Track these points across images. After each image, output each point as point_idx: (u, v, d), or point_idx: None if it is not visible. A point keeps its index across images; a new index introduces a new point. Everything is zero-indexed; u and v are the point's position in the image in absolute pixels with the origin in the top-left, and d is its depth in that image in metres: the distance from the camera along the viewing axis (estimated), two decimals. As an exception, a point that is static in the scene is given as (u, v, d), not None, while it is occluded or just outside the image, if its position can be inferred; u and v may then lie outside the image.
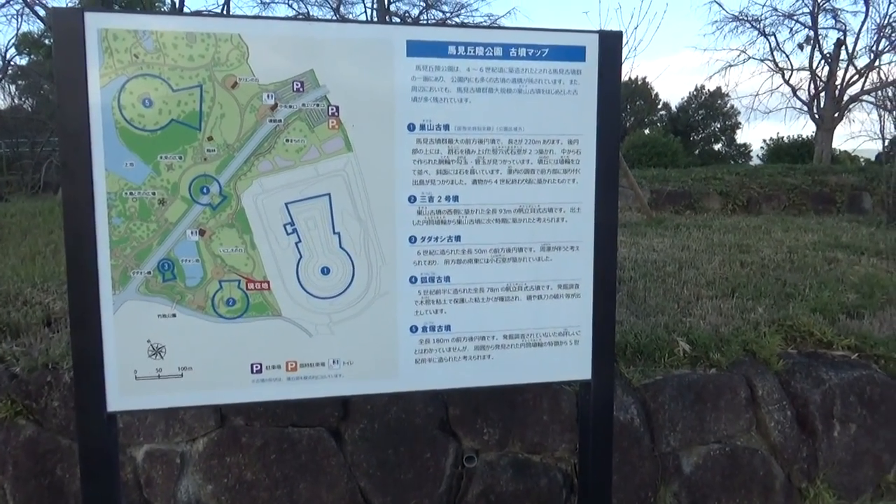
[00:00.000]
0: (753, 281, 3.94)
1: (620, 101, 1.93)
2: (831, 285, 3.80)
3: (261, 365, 1.76)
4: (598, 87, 1.85)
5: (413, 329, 1.82)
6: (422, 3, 13.17)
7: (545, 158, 1.84)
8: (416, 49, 1.77)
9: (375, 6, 12.23)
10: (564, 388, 2.55)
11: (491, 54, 1.81)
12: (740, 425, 2.69)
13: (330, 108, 1.74)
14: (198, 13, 2.78)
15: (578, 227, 1.87)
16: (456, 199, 1.80)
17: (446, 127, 1.79)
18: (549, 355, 1.89)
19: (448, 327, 1.83)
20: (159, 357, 1.72)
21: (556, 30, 1.85)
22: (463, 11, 13.23)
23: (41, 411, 2.73)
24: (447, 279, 1.82)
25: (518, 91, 1.82)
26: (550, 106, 1.83)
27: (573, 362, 1.90)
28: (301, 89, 1.72)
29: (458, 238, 1.82)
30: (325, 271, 1.76)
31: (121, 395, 1.71)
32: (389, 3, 12.77)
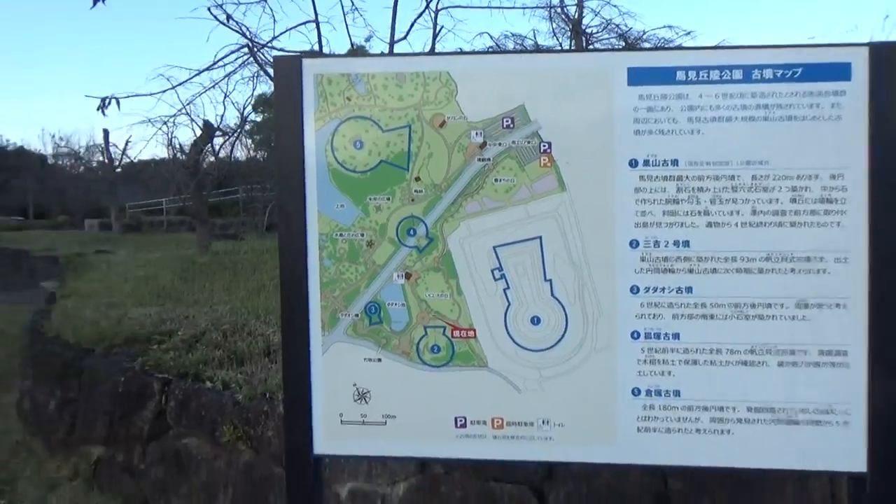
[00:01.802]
0: None
1: (901, 123, 1.56)
2: None
3: (465, 419, 1.64)
4: (869, 111, 1.51)
5: (635, 392, 1.59)
6: (620, 43, 12.80)
7: (800, 197, 1.53)
8: (638, 76, 1.59)
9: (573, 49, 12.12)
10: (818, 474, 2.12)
11: (728, 78, 1.56)
12: None
13: (542, 144, 1.61)
14: (407, 54, 2.86)
15: (846, 281, 1.52)
16: (686, 244, 1.56)
17: (675, 162, 1.57)
18: (807, 437, 1.54)
19: (677, 392, 1.58)
20: (364, 402, 1.68)
21: (810, 45, 1.56)
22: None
23: (258, 438, 2.88)
24: (676, 336, 1.57)
25: (763, 119, 1.55)
26: (805, 135, 1.53)
27: (841, 449, 1.53)
28: (511, 126, 1.62)
29: (689, 289, 1.56)
30: (536, 321, 1.61)
31: (326, 440, 1.69)
32: (588, 44, 12.59)
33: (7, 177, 31.78)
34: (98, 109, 5.16)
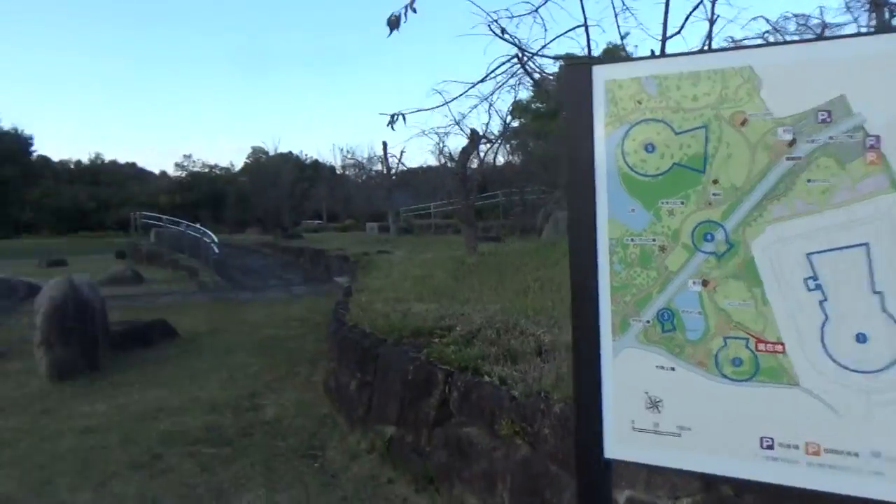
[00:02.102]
0: None
1: None
2: None
3: (772, 440, 1.52)
4: None
5: None
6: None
7: None
8: None
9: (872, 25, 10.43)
10: None
11: None
12: None
13: (867, 139, 1.42)
14: (703, 50, 2.73)
15: None
16: None
17: None
18: None
19: None
20: (656, 411, 1.65)
21: None
22: None
23: (534, 435, 2.99)
24: None
25: None
26: None
27: None
28: (827, 120, 1.46)
29: None
30: (861, 338, 1.43)
31: (617, 444, 1.70)
32: (891, 18, 10.71)
33: (306, 186, 37.47)
34: (388, 125, 5.81)
